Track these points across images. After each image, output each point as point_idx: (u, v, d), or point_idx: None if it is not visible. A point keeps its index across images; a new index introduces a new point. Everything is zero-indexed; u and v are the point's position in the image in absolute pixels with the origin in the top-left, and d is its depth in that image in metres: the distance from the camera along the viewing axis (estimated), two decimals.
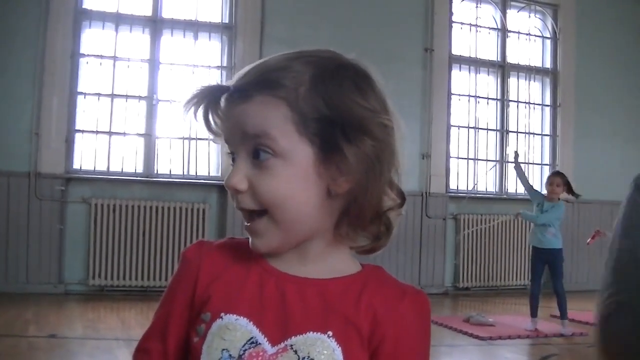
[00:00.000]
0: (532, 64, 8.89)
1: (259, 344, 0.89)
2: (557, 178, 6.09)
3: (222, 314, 0.91)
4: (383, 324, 0.91)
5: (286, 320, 0.90)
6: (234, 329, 0.90)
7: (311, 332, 0.89)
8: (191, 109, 0.93)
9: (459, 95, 8.49)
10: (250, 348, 0.89)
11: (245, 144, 0.91)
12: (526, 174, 6.87)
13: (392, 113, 0.93)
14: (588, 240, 6.15)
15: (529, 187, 6.34)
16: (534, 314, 5.89)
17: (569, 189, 6.05)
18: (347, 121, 0.88)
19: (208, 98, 0.93)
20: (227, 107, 0.92)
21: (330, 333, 0.89)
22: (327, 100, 0.88)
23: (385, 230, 0.96)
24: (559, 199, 6.06)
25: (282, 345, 0.89)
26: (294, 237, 0.92)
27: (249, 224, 0.93)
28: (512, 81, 8.81)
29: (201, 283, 0.95)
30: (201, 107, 0.93)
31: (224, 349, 0.89)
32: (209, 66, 7.50)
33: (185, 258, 0.98)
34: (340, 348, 0.89)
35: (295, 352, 0.89)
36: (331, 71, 0.91)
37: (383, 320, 0.91)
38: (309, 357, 0.88)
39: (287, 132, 0.88)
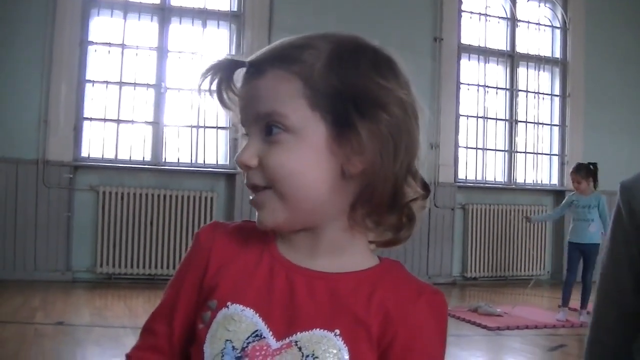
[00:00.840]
0: (541, 54, 8.84)
1: (264, 337, 0.87)
2: (577, 175, 5.96)
3: (229, 303, 0.89)
4: (394, 323, 0.87)
5: (293, 315, 0.88)
6: (239, 320, 0.87)
7: (317, 329, 0.86)
8: (205, 80, 0.92)
9: (468, 84, 8.45)
10: (254, 341, 0.87)
11: (259, 122, 0.89)
12: (537, 215, 6.73)
13: (414, 96, 0.91)
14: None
15: (556, 214, 6.22)
16: (565, 303, 5.86)
17: (595, 179, 5.94)
18: (360, 96, 0.86)
19: (222, 71, 0.92)
20: (242, 85, 0.91)
21: (337, 331, 0.86)
22: (342, 76, 0.87)
23: (407, 222, 0.92)
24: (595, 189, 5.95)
25: (287, 340, 0.87)
26: (302, 215, 0.89)
27: (253, 197, 0.91)
28: (522, 71, 8.78)
29: (211, 267, 0.92)
30: (215, 80, 0.92)
31: (227, 340, 0.87)
32: (218, 54, 7.48)
33: (198, 239, 0.96)
34: (347, 348, 0.86)
35: (300, 349, 0.86)
36: (350, 49, 0.89)
37: (395, 319, 0.87)
38: (313, 355, 0.85)
39: (299, 107, 0.86)
